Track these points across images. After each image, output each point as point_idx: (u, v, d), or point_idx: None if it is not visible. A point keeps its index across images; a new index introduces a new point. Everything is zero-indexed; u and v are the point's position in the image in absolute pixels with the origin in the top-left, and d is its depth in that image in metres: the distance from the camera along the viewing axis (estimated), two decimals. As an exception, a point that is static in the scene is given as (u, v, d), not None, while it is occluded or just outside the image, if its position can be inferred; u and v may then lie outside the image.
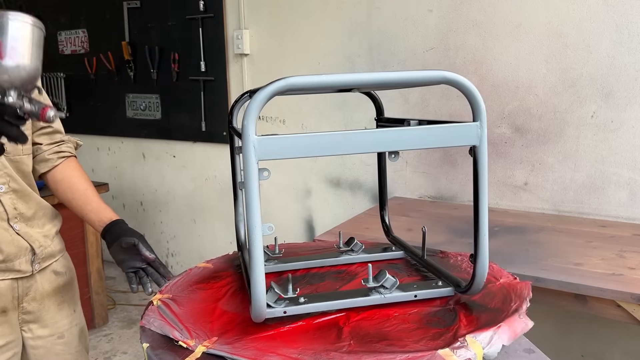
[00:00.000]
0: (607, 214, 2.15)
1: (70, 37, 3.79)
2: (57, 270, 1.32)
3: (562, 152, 2.22)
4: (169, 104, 3.42)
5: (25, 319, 1.26)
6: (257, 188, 0.76)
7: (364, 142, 0.81)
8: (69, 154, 1.36)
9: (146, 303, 1.03)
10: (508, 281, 1.01)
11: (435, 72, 0.83)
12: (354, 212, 2.67)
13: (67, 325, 1.34)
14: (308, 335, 0.85)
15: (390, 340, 0.82)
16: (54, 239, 1.32)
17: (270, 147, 0.76)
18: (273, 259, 1.17)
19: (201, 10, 3.11)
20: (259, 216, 0.77)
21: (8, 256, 1.18)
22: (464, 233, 1.90)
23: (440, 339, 0.80)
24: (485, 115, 0.84)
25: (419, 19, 2.46)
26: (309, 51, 2.81)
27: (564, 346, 2.31)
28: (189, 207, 3.52)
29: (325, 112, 2.77)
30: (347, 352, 0.78)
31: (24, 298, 1.24)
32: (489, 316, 0.87)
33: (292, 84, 0.75)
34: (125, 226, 1.29)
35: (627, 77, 2.05)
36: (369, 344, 0.81)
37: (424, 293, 0.94)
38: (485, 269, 0.89)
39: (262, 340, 0.84)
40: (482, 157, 0.87)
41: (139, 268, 1.23)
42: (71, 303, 1.36)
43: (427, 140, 0.85)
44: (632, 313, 1.40)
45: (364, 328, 0.87)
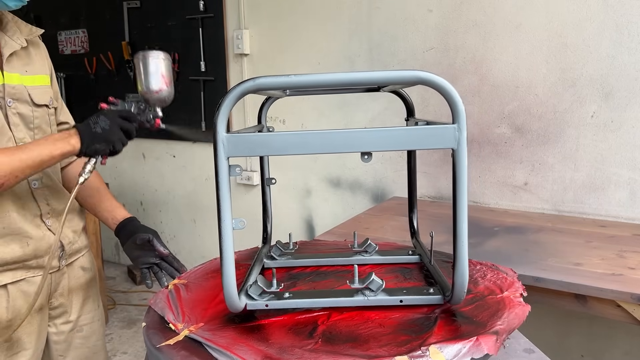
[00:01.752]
0: (607, 214, 2.15)
1: (70, 37, 3.79)
2: (84, 266, 1.35)
3: (562, 152, 2.22)
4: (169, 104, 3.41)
5: (52, 314, 1.30)
6: (227, 183, 0.79)
7: (336, 142, 0.80)
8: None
9: (146, 303, 1.05)
10: (510, 296, 0.95)
11: (409, 72, 0.79)
12: (354, 212, 2.67)
13: (89, 320, 1.37)
14: (284, 330, 0.87)
15: (357, 342, 0.82)
16: (81, 234, 1.35)
17: (238, 144, 0.78)
18: (286, 255, 1.21)
19: (201, 10, 3.11)
20: (229, 210, 0.80)
21: (39, 252, 1.20)
22: (464, 233, 1.90)
23: (406, 346, 0.78)
24: (464, 118, 0.79)
25: (419, 19, 2.46)
26: (309, 51, 2.81)
27: (564, 346, 2.31)
28: (189, 207, 3.52)
29: (325, 112, 2.77)
30: (310, 350, 0.79)
31: (53, 294, 1.27)
32: (469, 329, 0.83)
33: (260, 84, 0.78)
34: (138, 223, 1.33)
35: (627, 77, 2.05)
36: (334, 345, 0.81)
37: (410, 299, 0.91)
38: (465, 278, 0.84)
39: (241, 330, 0.87)
40: (460, 161, 0.80)
41: (153, 264, 1.27)
42: (95, 298, 1.40)
43: (402, 142, 0.81)
44: (632, 313, 1.40)
45: (338, 328, 0.87)
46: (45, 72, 1.27)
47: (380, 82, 0.84)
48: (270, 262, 1.18)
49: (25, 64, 1.20)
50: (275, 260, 1.19)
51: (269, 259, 1.19)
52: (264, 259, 1.18)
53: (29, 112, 1.18)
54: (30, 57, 1.23)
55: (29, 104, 1.18)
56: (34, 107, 1.19)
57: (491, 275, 1.06)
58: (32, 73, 1.21)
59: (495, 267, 1.10)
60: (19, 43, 1.18)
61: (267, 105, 1.27)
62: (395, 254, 1.20)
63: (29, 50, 1.23)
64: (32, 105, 1.19)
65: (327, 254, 1.21)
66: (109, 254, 4.05)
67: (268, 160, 1.30)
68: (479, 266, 1.12)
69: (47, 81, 1.26)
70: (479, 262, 1.14)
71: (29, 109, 1.18)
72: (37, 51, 1.26)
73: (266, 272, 1.16)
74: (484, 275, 1.07)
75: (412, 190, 1.26)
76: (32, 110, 1.19)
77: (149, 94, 1.23)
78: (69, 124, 1.37)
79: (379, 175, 2.69)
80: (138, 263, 1.28)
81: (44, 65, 1.27)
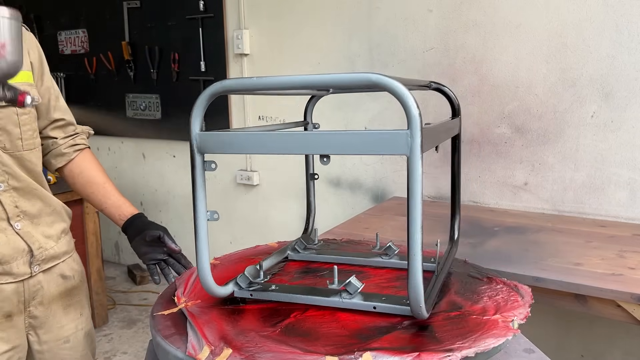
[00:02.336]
0: (607, 214, 2.15)
1: (70, 37, 3.79)
2: (64, 274, 1.29)
3: (562, 152, 2.22)
4: (169, 104, 3.42)
5: (32, 323, 1.23)
6: (202, 177, 0.89)
7: (293, 144, 0.82)
8: (83, 146, 1.36)
9: (146, 303, 1.08)
10: (499, 320, 0.88)
11: (360, 75, 0.77)
12: (354, 212, 2.67)
13: (73, 330, 1.31)
14: (257, 317, 0.93)
15: (308, 338, 0.84)
16: (61, 239, 1.28)
17: (208, 141, 0.87)
18: (309, 249, 1.24)
19: (201, 10, 3.11)
20: (204, 203, 0.90)
21: (3, 258, 1.14)
22: (463, 233, 1.89)
23: (346, 348, 0.79)
24: (417, 123, 0.75)
25: (419, 19, 2.46)
26: (309, 51, 2.81)
27: (564, 346, 2.31)
28: (189, 207, 3.50)
29: (325, 112, 2.77)
30: (263, 336, 0.85)
31: (31, 302, 1.22)
32: (422, 342, 0.81)
33: (227, 86, 0.84)
34: (146, 220, 1.31)
35: (627, 77, 2.05)
36: (288, 336, 0.85)
37: (383, 306, 0.91)
38: (417, 292, 0.81)
39: (224, 311, 0.95)
40: (413, 169, 0.76)
41: (160, 260, 1.26)
42: (78, 307, 1.33)
43: (354, 147, 0.79)
44: (632, 313, 1.40)
45: (303, 323, 0.90)
46: (26, 68, 1.16)
47: (332, 85, 0.83)
48: (293, 254, 1.24)
49: None
50: (298, 253, 1.24)
51: (293, 252, 1.24)
52: (288, 251, 1.24)
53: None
54: None
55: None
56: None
57: (503, 296, 1.00)
58: None
59: (516, 288, 1.04)
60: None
61: (312, 103, 1.29)
62: None
63: None
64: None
65: (346, 253, 1.22)
66: (109, 254, 4.05)
67: (313, 157, 1.33)
68: (500, 285, 1.05)
69: (27, 77, 1.17)
70: (502, 280, 1.07)
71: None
72: None
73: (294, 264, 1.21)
74: (494, 295, 1.01)
75: (455, 192, 1.22)
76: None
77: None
78: (65, 120, 1.31)
79: (379, 175, 2.69)
80: (146, 259, 1.26)
81: (25, 61, 1.14)
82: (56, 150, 1.31)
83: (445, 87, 1.21)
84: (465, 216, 2.17)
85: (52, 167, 1.33)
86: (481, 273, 1.12)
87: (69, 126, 1.33)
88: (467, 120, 2.40)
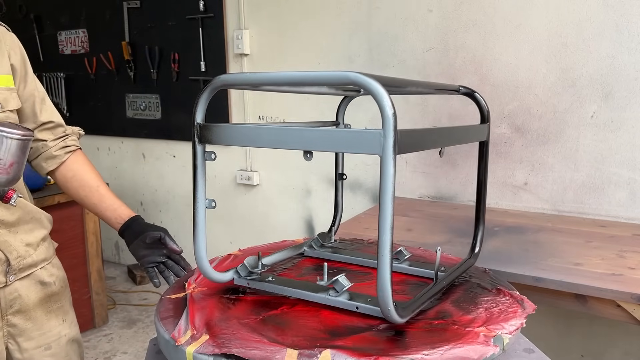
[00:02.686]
0: (607, 214, 2.15)
1: (70, 37, 3.79)
2: (43, 281, 1.25)
3: (562, 152, 2.22)
4: (169, 104, 3.42)
5: (11, 332, 1.20)
6: (202, 166, 0.95)
7: (268, 138, 0.86)
8: (74, 147, 1.31)
9: (146, 303, 1.09)
10: (481, 333, 0.84)
11: (339, 73, 0.77)
12: (354, 212, 2.67)
13: (55, 336, 1.28)
14: (246, 307, 0.98)
15: (282, 328, 0.88)
16: (40, 246, 1.25)
17: (208, 132, 0.92)
18: (325, 247, 1.27)
19: (201, 10, 3.11)
20: (203, 191, 0.96)
21: None
22: (463, 233, 1.90)
23: (311, 343, 0.81)
24: (391, 123, 0.73)
25: (419, 19, 2.46)
26: (309, 51, 2.81)
27: (564, 346, 2.31)
28: (189, 207, 3.51)
29: (325, 112, 2.77)
30: (241, 324, 0.89)
31: (8, 310, 1.18)
32: (385, 347, 0.81)
33: (224, 80, 0.89)
34: (144, 222, 1.28)
35: (627, 77, 2.05)
36: (265, 325, 0.90)
37: (365, 307, 0.91)
38: (385, 294, 0.79)
39: (220, 300, 1.00)
40: (385, 170, 0.75)
41: (159, 262, 1.24)
42: (59, 313, 1.30)
43: (328, 144, 0.80)
44: (632, 313, 1.40)
45: (286, 316, 0.94)
46: (5, 72, 1.12)
47: (312, 82, 0.85)
48: (309, 251, 1.27)
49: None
50: (313, 250, 1.27)
51: (309, 248, 1.28)
52: (304, 247, 1.28)
53: None
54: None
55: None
56: None
57: (502, 307, 0.96)
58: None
59: (521, 301, 1.00)
60: None
61: (345, 104, 1.31)
62: (422, 266, 1.15)
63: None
64: None
65: (359, 254, 1.23)
66: (109, 254, 4.05)
67: (343, 157, 1.35)
68: (506, 297, 1.02)
69: (6, 81, 1.13)
70: (510, 293, 1.03)
71: None
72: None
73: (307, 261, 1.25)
74: (493, 306, 0.97)
75: (481, 201, 1.17)
76: None
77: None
78: (54, 122, 1.27)
79: (379, 175, 2.69)
80: (144, 262, 1.23)
81: (3, 64, 1.12)
82: (46, 153, 1.26)
83: (476, 92, 1.18)
84: (465, 216, 2.17)
85: (43, 170, 1.28)
86: (493, 283, 1.10)
87: (58, 128, 1.29)
88: (467, 120, 2.40)
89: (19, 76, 1.18)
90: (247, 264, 1.04)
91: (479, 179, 1.21)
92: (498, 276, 1.16)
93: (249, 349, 0.79)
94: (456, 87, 1.16)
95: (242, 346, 0.80)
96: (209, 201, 0.97)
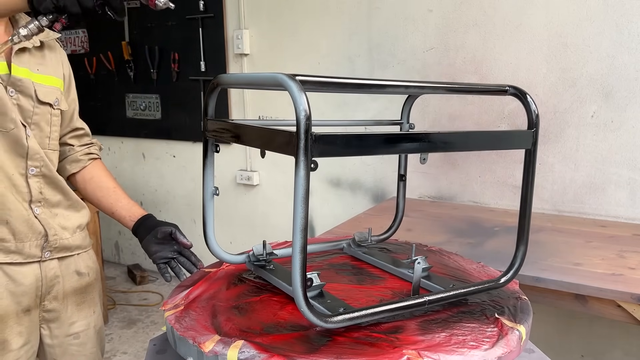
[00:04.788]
0: (607, 214, 2.15)
1: (70, 37, 3.79)
2: (79, 271, 1.33)
3: (562, 152, 2.22)
4: (169, 104, 3.42)
5: (46, 317, 1.27)
6: (211, 157, 1.02)
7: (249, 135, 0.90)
8: (96, 156, 1.44)
9: (146, 303, 1.10)
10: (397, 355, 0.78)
11: (269, 75, 0.79)
12: (354, 212, 2.67)
13: (84, 327, 1.35)
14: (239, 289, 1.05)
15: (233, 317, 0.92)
16: (76, 233, 1.32)
17: (212, 126, 0.98)
18: (361, 247, 1.27)
19: (201, 10, 3.11)
20: (211, 179, 1.04)
21: (19, 235, 1.18)
22: (463, 233, 1.90)
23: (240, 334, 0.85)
24: (302, 125, 0.73)
25: (419, 19, 2.46)
26: (309, 51, 2.81)
27: (564, 346, 2.31)
28: (189, 207, 3.52)
29: (325, 112, 2.77)
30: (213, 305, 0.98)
31: (47, 297, 1.26)
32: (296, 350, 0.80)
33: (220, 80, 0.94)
34: (156, 219, 1.34)
35: (627, 77, 2.05)
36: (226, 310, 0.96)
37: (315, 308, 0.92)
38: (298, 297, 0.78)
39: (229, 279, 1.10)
40: (296, 172, 0.75)
41: (170, 258, 1.28)
42: (91, 304, 1.37)
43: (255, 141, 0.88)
44: (632, 313, 1.40)
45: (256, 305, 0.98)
46: (59, 76, 1.29)
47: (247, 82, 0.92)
48: (347, 248, 1.30)
49: (38, 63, 1.22)
50: (350, 248, 1.29)
51: (347, 246, 1.30)
52: (343, 244, 1.30)
53: (29, 107, 1.19)
54: (44, 58, 1.24)
55: (32, 99, 1.19)
56: (36, 104, 1.20)
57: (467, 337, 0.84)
58: (43, 73, 1.23)
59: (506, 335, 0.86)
60: (32, 41, 1.18)
61: (409, 103, 1.27)
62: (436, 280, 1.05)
63: (44, 52, 1.25)
64: (34, 101, 1.19)
65: (383, 258, 1.20)
66: (109, 254, 4.05)
67: (406, 158, 1.34)
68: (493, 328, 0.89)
69: (59, 84, 1.28)
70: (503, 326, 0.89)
71: (31, 104, 1.19)
72: (52, 54, 1.28)
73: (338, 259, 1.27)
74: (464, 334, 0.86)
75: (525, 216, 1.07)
76: (33, 106, 1.19)
77: None
78: (84, 130, 1.42)
79: (379, 175, 2.69)
80: (156, 258, 1.28)
81: (58, 70, 1.29)
82: (72, 157, 1.38)
83: (527, 94, 1.04)
84: (465, 216, 2.17)
85: (66, 172, 1.38)
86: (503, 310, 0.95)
87: (85, 136, 1.43)
88: (467, 120, 2.40)
89: (66, 85, 1.35)
90: (256, 251, 1.09)
91: (523, 193, 1.10)
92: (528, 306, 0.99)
93: (187, 330, 0.87)
94: (503, 87, 1.05)
95: (188, 325, 0.89)
96: (215, 189, 1.04)
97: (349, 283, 1.08)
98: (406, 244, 1.40)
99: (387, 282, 1.10)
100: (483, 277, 1.15)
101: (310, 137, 0.75)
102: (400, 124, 1.32)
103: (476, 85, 1.30)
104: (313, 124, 0.76)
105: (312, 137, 0.75)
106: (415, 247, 1.28)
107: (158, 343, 1.01)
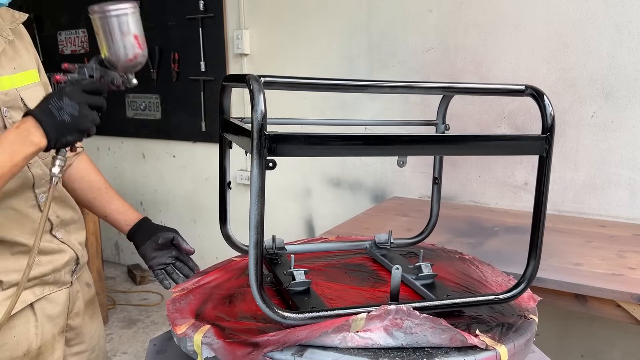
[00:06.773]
0: (607, 214, 2.15)
1: (70, 37, 3.78)
2: (88, 282, 1.27)
3: (562, 152, 2.21)
4: (169, 104, 3.42)
5: (68, 336, 1.20)
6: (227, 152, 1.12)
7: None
8: (80, 149, 1.30)
9: (146, 303, 1.11)
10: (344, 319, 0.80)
11: (242, 75, 0.84)
12: (354, 212, 2.67)
13: (97, 339, 1.30)
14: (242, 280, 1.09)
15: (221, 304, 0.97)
16: (84, 246, 1.26)
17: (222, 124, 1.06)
18: (381, 249, 1.25)
19: (201, 10, 3.11)
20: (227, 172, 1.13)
21: (57, 267, 1.12)
22: (463, 233, 1.90)
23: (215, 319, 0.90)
24: (257, 125, 0.73)
25: (419, 19, 2.46)
26: (309, 51, 2.81)
27: (564, 346, 2.31)
28: (189, 207, 3.52)
29: (326, 113, 2.77)
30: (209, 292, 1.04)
31: (69, 314, 1.19)
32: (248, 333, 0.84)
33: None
34: (154, 223, 1.27)
35: (627, 77, 2.05)
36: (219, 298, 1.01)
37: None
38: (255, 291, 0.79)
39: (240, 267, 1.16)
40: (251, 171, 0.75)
41: (167, 264, 1.22)
42: (98, 314, 1.33)
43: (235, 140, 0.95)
44: (632, 313, 1.40)
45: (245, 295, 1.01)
46: (32, 66, 1.15)
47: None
48: (369, 249, 1.28)
49: (12, 58, 1.08)
50: (371, 250, 1.28)
51: (369, 247, 1.29)
52: (366, 245, 1.29)
53: None
54: (16, 51, 1.10)
55: (21, 109, 1.06)
56: None
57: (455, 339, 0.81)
58: (20, 69, 1.09)
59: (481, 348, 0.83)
60: (5, 36, 1.06)
61: (444, 103, 1.25)
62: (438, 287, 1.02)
63: (14, 43, 1.10)
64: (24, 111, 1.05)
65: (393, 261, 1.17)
66: (109, 254, 4.05)
67: (441, 160, 1.33)
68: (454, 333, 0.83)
69: (36, 77, 1.15)
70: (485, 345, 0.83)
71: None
72: (21, 42, 1.13)
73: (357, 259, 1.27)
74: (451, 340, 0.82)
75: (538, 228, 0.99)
76: None
77: (120, 62, 1.03)
78: None
79: (379, 175, 2.69)
80: (154, 264, 1.22)
81: (30, 58, 1.14)
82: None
83: (544, 95, 0.97)
84: (465, 216, 2.17)
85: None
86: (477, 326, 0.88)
87: None
88: (467, 120, 2.40)
89: (40, 69, 1.20)
90: (266, 243, 1.12)
91: (536, 202, 1.04)
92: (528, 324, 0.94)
93: (175, 312, 0.93)
94: (520, 87, 0.99)
95: (178, 308, 0.94)
96: (230, 182, 1.11)
97: (349, 284, 1.07)
98: (441, 249, 1.35)
99: (390, 285, 1.08)
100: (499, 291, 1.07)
101: (265, 137, 0.74)
102: (435, 124, 1.31)
103: (491, 86, 1.28)
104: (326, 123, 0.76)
105: (266, 137, 0.74)
106: (447, 254, 1.29)
107: (158, 343, 1.01)
